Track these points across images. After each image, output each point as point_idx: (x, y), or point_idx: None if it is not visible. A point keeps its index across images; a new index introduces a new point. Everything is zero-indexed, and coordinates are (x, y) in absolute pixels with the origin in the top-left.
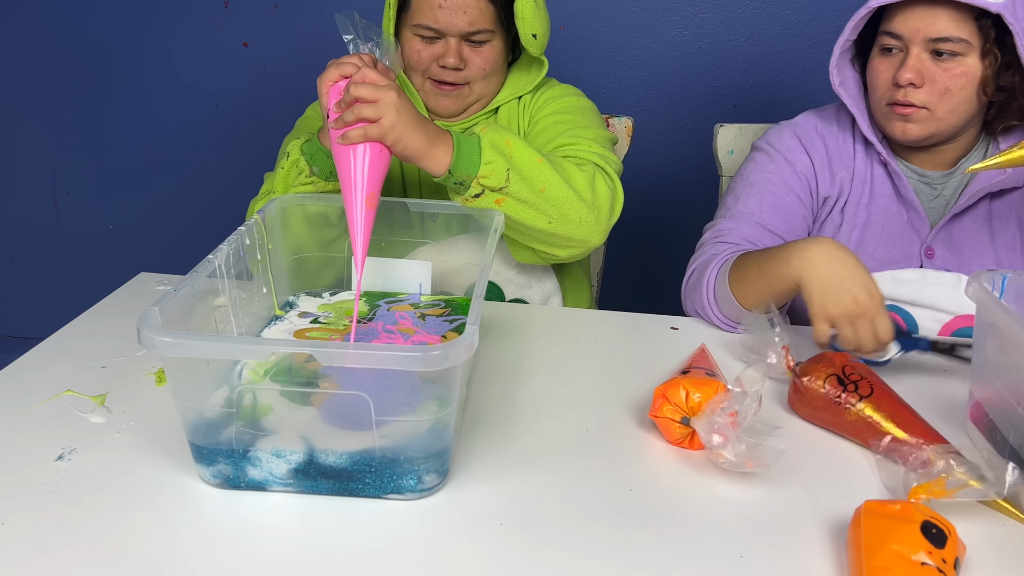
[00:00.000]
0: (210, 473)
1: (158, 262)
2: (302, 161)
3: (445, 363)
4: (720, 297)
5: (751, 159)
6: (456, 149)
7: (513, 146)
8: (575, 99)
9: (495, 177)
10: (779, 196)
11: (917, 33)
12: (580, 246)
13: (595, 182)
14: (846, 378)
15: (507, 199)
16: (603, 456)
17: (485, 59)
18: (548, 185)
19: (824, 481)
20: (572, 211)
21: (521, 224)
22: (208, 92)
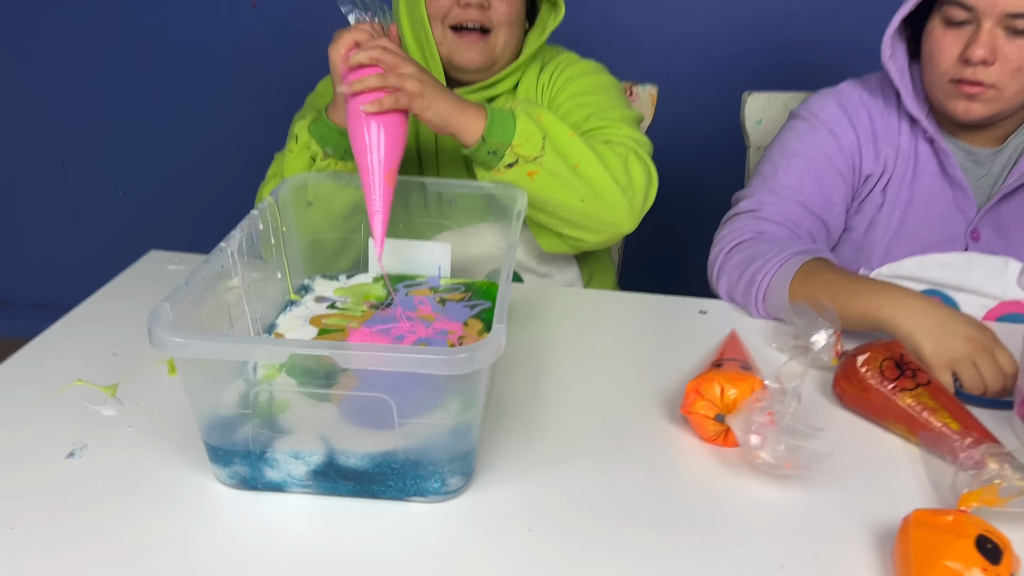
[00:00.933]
0: (226, 474)
1: (168, 228)
2: (313, 143)
3: (472, 366)
4: (771, 300)
5: (791, 127)
6: (490, 116)
7: (546, 119)
8: (596, 77)
9: (530, 145)
10: (822, 172)
11: (994, 7)
12: (611, 230)
13: (629, 164)
14: (904, 364)
15: (541, 171)
16: (633, 453)
17: (510, 5)
18: (582, 161)
19: (867, 481)
20: (606, 191)
21: (552, 202)
22: (216, 55)
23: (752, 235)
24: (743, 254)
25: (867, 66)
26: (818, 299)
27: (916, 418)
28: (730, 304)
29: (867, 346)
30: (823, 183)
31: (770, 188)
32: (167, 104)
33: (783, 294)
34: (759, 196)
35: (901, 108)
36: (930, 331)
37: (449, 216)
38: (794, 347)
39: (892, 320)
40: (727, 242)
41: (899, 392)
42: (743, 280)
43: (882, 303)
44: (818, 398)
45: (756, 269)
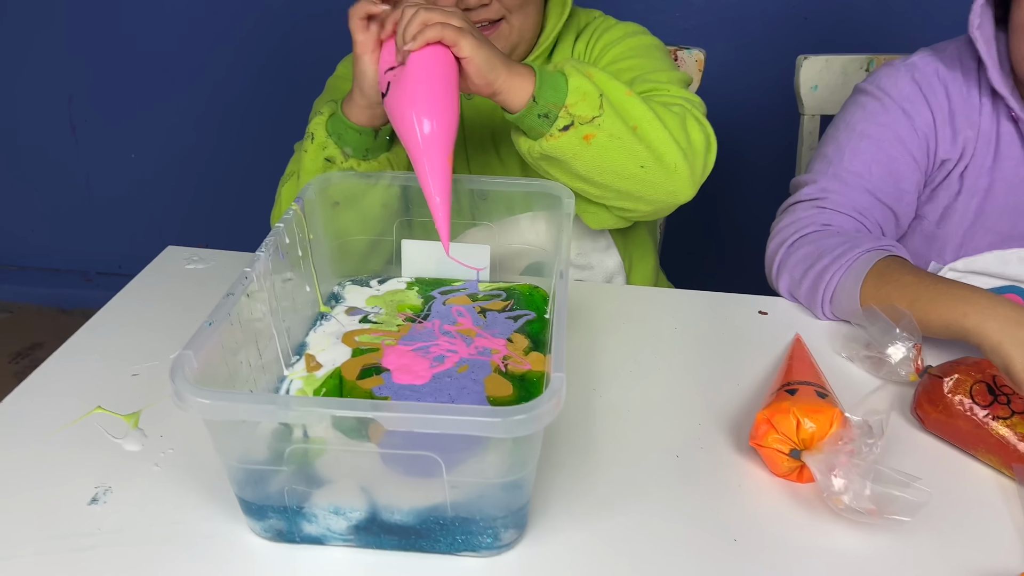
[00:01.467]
0: (261, 527)
1: (182, 192)
2: (331, 145)
3: (530, 428)
4: (839, 301)
5: (858, 104)
6: (539, 74)
7: (598, 75)
8: (637, 39)
9: (586, 104)
10: (893, 156)
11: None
12: (669, 199)
13: (688, 126)
14: (997, 388)
15: (598, 134)
16: (699, 491)
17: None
18: (641, 122)
19: (960, 525)
20: (668, 154)
21: (610, 170)
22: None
23: (817, 227)
24: (807, 249)
25: (935, 26)
26: (893, 303)
27: (1012, 450)
28: (792, 303)
29: (955, 366)
30: (894, 169)
31: (835, 174)
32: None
33: (853, 297)
34: (823, 183)
35: (983, 83)
36: (1022, 341)
37: (487, 214)
38: (866, 358)
39: (979, 330)
40: (788, 234)
41: (992, 420)
42: (807, 279)
43: (968, 311)
44: (896, 418)
45: (823, 268)
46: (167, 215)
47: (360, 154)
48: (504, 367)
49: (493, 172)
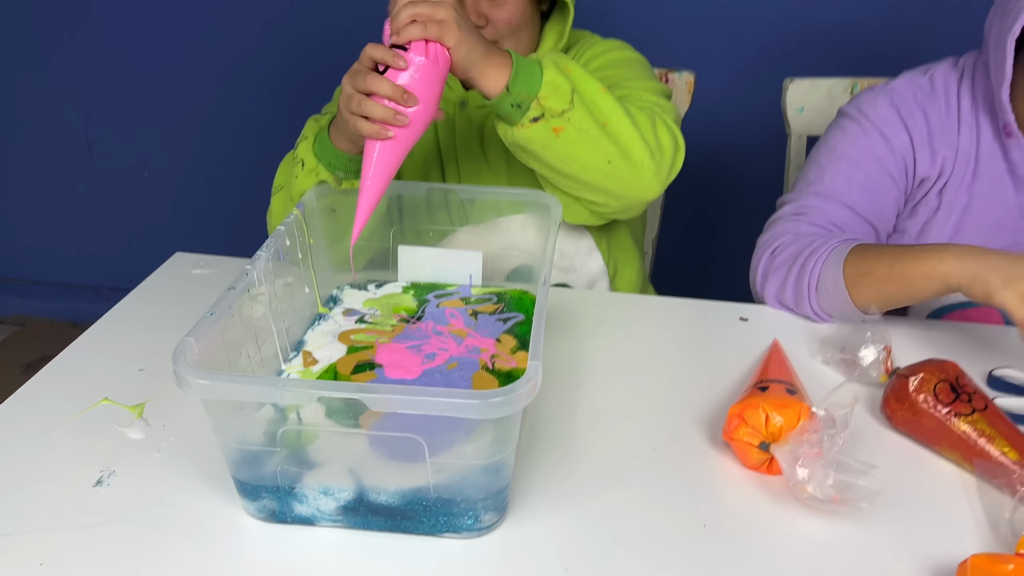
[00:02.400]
0: (255, 507)
1: (195, 210)
2: (323, 171)
3: (507, 409)
4: (825, 289)
5: (839, 127)
6: (515, 65)
7: (575, 71)
8: (620, 52)
9: (557, 97)
10: (870, 175)
11: None
12: (636, 195)
13: (657, 126)
14: (959, 387)
15: (567, 127)
16: (673, 483)
17: (510, 12)
18: (611, 119)
19: (920, 514)
20: (635, 152)
21: (578, 162)
22: (241, 33)
23: (795, 236)
24: (787, 252)
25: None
26: (874, 271)
27: (972, 446)
28: (778, 310)
29: (921, 366)
30: (872, 187)
31: (816, 192)
32: (189, 87)
33: (837, 279)
34: (804, 200)
35: (960, 105)
36: (997, 266)
37: (478, 217)
38: (840, 361)
39: (957, 268)
40: (770, 245)
41: (954, 417)
42: (792, 276)
43: (943, 256)
44: (866, 417)
45: (804, 261)
46: (179, 232)
47: (353, 175)
48: (492, 365)
49: (482, 178)
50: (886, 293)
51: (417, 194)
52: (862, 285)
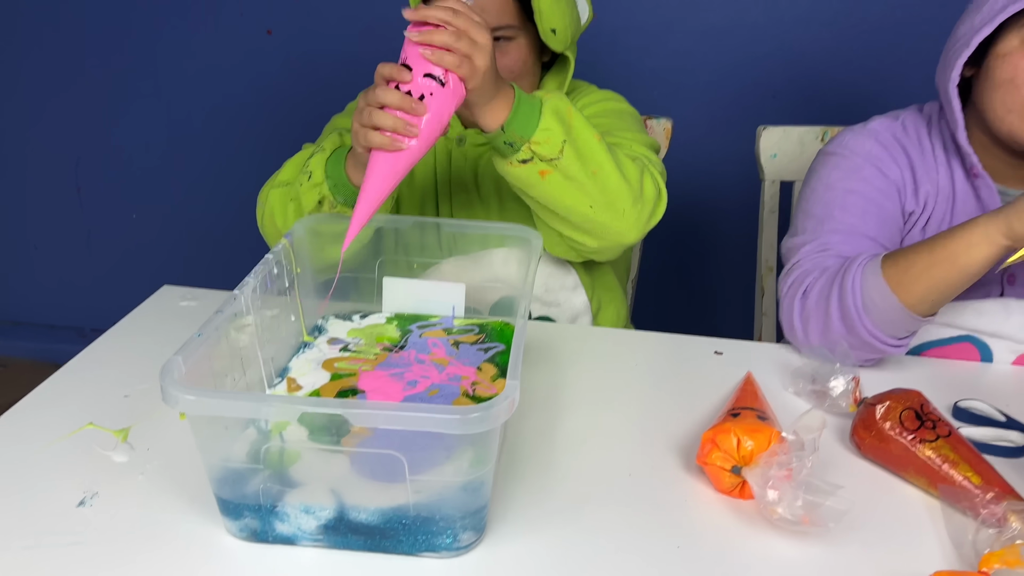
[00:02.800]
0: (237, 527)
1: (182, 252)
2: (325, 189)
3: (485, 425)
4: (872, 303)
5: (831, 165)
6: (515, 105)
7: (574, 118)
8: (614, 103)
9: (549, 146)
10: (881, 205)
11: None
12: (615, 239)
13: (643, 177)
14: (924, 415)
15: (554, 172)
16: (648, 506)
17: (512, 59)
18: (602, 168)
19: (887, 537)
20: (619, 200)
21: (561, 204)
22: (231, 80)
23: (822, 271)
24: (819, 286)
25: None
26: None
27: (936, 471)
28: (746, 346)
29: (886, 395)
30: (884, 216)
31: (832, 229)
32: (181, 129)
33: (881, 288)
34: (823, 238)
35: (935, 146)
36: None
37: (463, 249)
38: (811, 392)
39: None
40: (798, 288)
41: (919, 443)
42: (833, 307)
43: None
44: (836, 446)
45: (840, 285)
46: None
47: (351, 204)
48: (472, 391)
49: (474, 212)
50: (936, 280)
51: (402, 227)
52: (908, 283)
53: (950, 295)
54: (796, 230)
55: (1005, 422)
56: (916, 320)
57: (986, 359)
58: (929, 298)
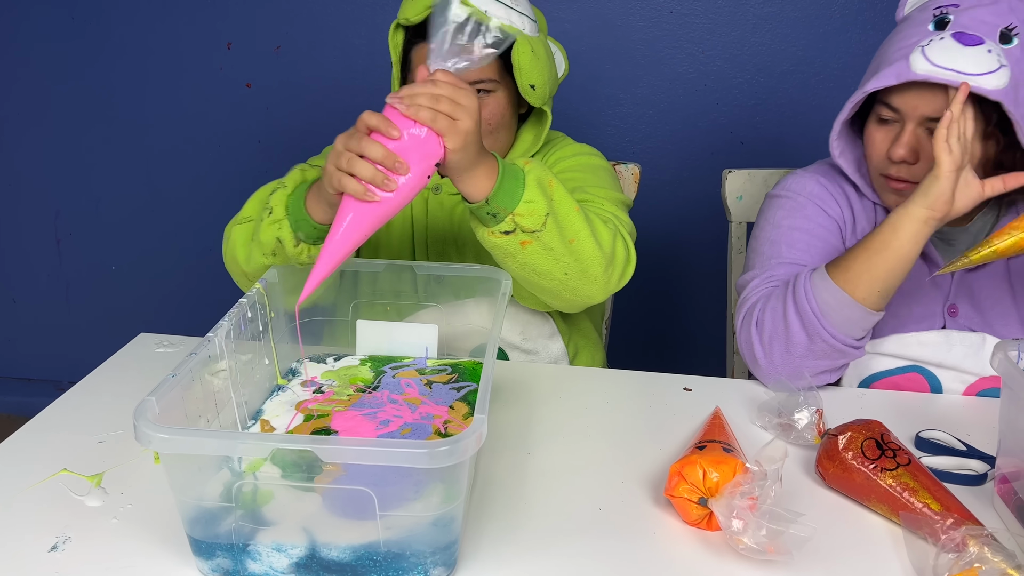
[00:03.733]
0: (209, 567)
1: (160, 305)
2: (286, 227)
3: (453, 459)
4: (828, 306)
5: (776, 207)
6: (500, 176)
7: (555, 189)
8: (588, 158)
9: (532, 218)
10: (826, 240)
11: (915, 111)
12: (582, 301)
13: (616, 241)
14: (884, 444)
15: (535, 243)
16: (618, 539)
17: (490, 112)
18: (578, 237)
19: (850, 564)
20: (592, 267)
21: (538, 271)
22: (211, 133)
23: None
24: (768, 313)
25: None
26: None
27: (897, 498)
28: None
29: (848, 426)
30: (829, 251)
31: (780, 263)
32: (162, 181)
33: (832, 289)
34: (769, 272)
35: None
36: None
37: (435, 295)
38: (777, 425)
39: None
40: (749, 323)
41: (880, 472)
42: (791, 316)
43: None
44: (801, 477)
45: (794, 297)
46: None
47: (311, 240)
48: (444, 430)
49: (450, 259)
50: (877, 269)
51: (376, 270)
52: (853, 279)
53: (894, 282)
54: (747, 267)
55: (966, 451)
56: (870, 314)
57: (935, 389)
58: (875, 288)
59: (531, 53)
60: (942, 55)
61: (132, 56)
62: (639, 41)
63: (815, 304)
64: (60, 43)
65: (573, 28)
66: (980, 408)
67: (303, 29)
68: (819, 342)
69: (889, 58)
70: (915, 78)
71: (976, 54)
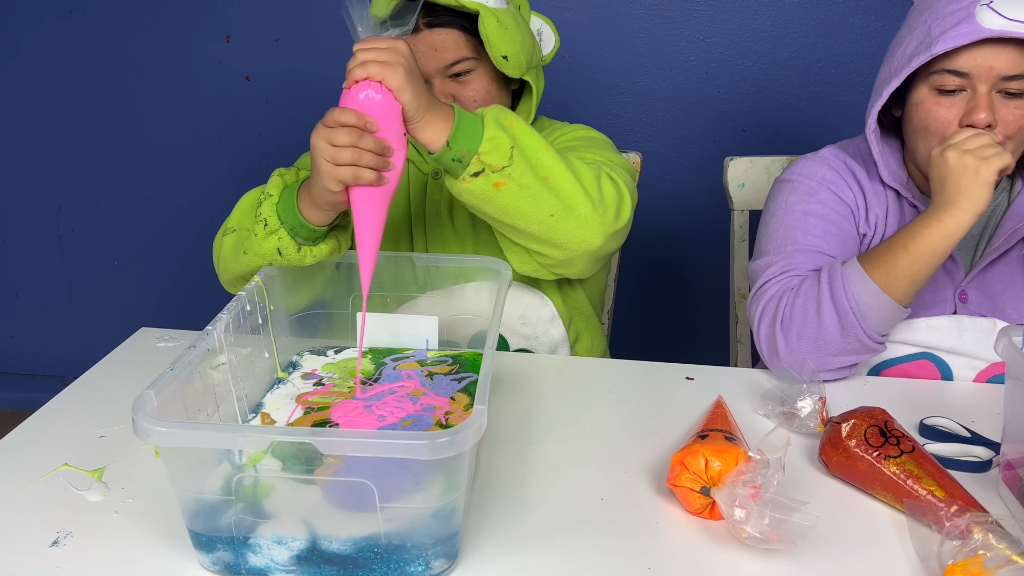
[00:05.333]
0: (210, 560)
1: (163, 300)
2: (284, 236)
3: (453, 450)
4: (868, 307)
5: (788, 191)
6: (457, 120)
7: (517, 126)
8: (584, 131)
9: (497, 154)
10: (840, 226)
11: (990, 71)
12: (580, 247)
13: (600, 180)
14: (888, 431)
15: (508, 182)
16: (620, 529)
17: (474, 90)
18: (552, 173)
19: (854, 553)
20: (577, 205)
21: (520, 215)
22: (210, 127)
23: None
24: (800, 303)
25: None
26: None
27: (901, 486)
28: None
29: (851, 413)
30: (844, 237)
31: (796, 250)
32: (162, 176)
33: (872, 289)
34: (786, 260)
35: (880, 173)
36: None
37: (435, 282)
38: (780, 414)
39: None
40: (774, 318)
41: (884, 460)
42: (826, 314)
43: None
44: (805, 466)
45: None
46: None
47: (312, 242)
48: (445, 421)
49: (447, 243)
50: (917, 273)
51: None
52: (894, 282)
53: (925, 281)
54: (760, 253)
55: (970, 438)
56: (903, 312)
57: (945, 376)
58: (912, 290)
59: (497, 23)
60: (1012, 6)
61: (131, 50)
62: (639, 28)
63: (854, 304)
64: (59, 38)
65: (573, 16)
66: (984, 395)
67: (302, 21)
68: (852, 340)
69: (945, 20)
70: (991, 34)
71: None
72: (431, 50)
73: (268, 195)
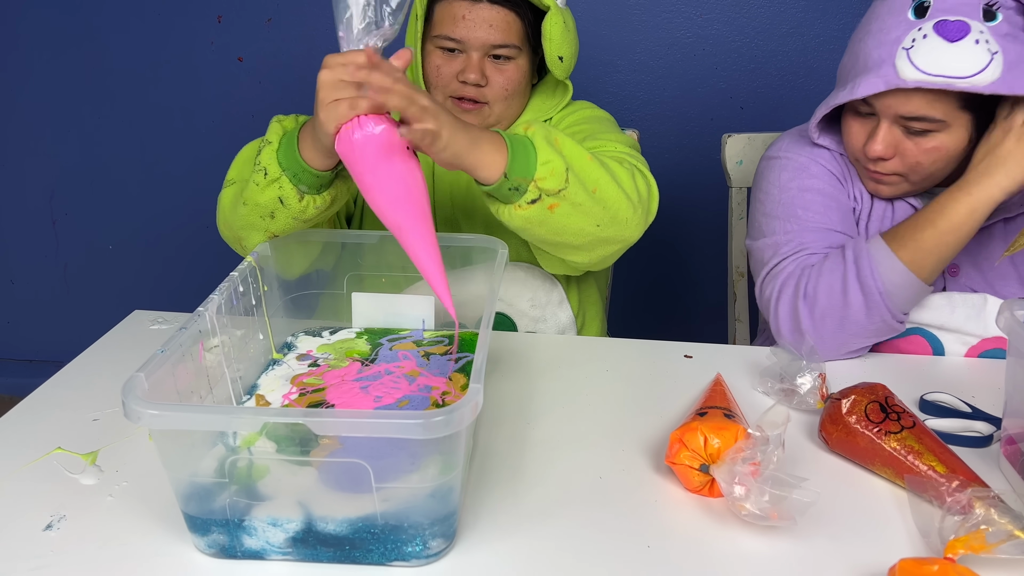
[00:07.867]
0: (205, 543)
1: (159, 283)
2: (286, 184)
3: (449, 429)
4: (895, 285)
5: (778, 168)
6: (510, 149)
7: (562, 142)
8: (590, 111)
9: (554, 178)
10: (838, 199)
11: (889, 110)
12: (621, 247)
13: (635, 178)
14: (888, 407)
15: (563, 204)
16: (618, 507)
17: (508, 78)
18: (599, 185)
19: (854, 529)
20: (621, 211)
21: (571, 230)
22: (203, 108)
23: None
24: (824, 283)
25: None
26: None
27: (902, 461)
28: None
29: (851, 389)
30: (844, 210)
31: (803, 227)
32: (155, 158)
33: (899, 268)
34: (798, 238)
35: None
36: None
37: None
38: (780, 390)
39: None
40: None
41: (884, 435)
42: (852, 295)
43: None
44: (804, 442)
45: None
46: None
47: (315, 190)
48: (442, 401)
49: (459, 228)
50: (945, 250)
51: (370, 242)
52: (921, 260)
53: (950, 260)
54: (759, 232)
55: (971, 413)
56: (927, 290)
57: (937, 351)
58: (939, 268)
59: (563, 25)
60: (928, 58)
61: (122, 32)
62: (635, 5)
63: (881, 284)
64: (50, 21)
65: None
66: (985, 369)
67: (294, 1)
68: (877, 320)
69: (870, 58)
70: (906, 86)
71: (963, 51)
72: (485, 24)
73: (267, 142)
